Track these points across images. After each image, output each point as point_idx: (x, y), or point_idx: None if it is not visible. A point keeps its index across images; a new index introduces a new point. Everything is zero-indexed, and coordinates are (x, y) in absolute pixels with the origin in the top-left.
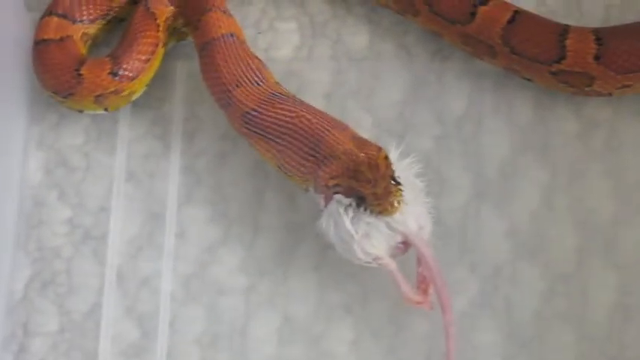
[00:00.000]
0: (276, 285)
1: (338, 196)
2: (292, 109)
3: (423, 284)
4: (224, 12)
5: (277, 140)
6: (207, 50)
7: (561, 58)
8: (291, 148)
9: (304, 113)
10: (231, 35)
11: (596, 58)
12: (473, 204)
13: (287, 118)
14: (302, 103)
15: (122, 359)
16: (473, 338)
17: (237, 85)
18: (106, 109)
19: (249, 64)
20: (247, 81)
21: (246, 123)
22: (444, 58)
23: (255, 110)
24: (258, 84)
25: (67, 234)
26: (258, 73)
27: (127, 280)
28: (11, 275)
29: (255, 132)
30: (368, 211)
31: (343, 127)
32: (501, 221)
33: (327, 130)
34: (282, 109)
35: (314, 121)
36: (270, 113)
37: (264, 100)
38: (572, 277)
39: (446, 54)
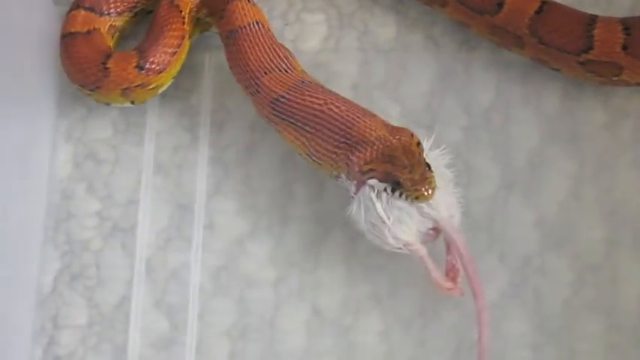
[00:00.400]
0: (305, 277)
1: (372, 181)
2: (321, 96)
3: (451, 272)
4: (249, 0)
5: (306, 127)
6: (233, 38)
7: (589, 48)
8: (322, 135)
9: (333, 101)
10: (257, 23)
11: (624, 47)
12: (501, 194)
13: (316, 105)
14: (330, 91)
15: (151, 351)
16: (502, 328)
17: (265, 73)
18: (132, 102)
19: (276, 51)
20: (275, 68)
21: (275, 110)
22: (472, 49)
23: (284, 97)
24: (286, 71)
25: (95, 227)
26: (285, 60)
27: (156, 273)
28: (40, 268)
29: (283, 119)
30: (402, 197)
31: (373, 115)
32: (530, 212)
33: (358, 117)
34: (310, 96)
35: (343, 108)
36: (298, 100)
37: (293, 87)
38: (600, 267)
39: (473, 44)
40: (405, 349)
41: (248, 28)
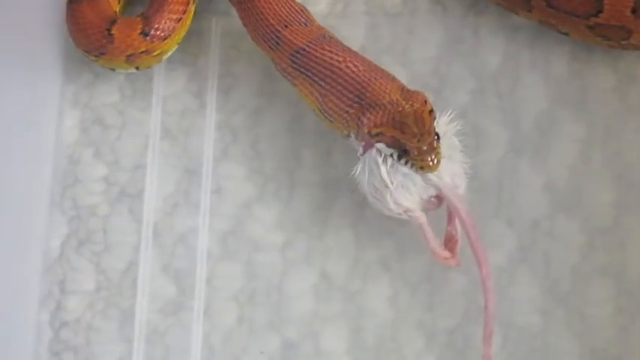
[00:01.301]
0: (313, 241)
1: (380, 145)
2: (340, 53)
3: (450, 243)
4: None
5: (322, 83)
6: None
7: (598, 12)
8: (336, 92)
9: (352, 59)
10: None
11: (633, 11)
12: (509, 158)
13: (334, 61)
14: (350, 49)
15: (159, 316)
16: (510, 293)
17: (285, 26)
18: (137, 68)
19: (292, 6)
20: (295, 21)
21: (294, 62)
22: (479, 13)
23: (304, 49)
24: (305, 24)
25: (102, 192)
26: (303, 15)
27: (164, 238)
28: (47, 234)
29: (301, 72)
30: (408, 165)
31: (391, 78)
32: (538, 175)
33: (375, 78)
34: (330, 51)
35: (361, 67)
36: (317, 54)
37: (314, 40)
38: (610, 231)
39: (480, 8)
40: (413, 313)
41: None
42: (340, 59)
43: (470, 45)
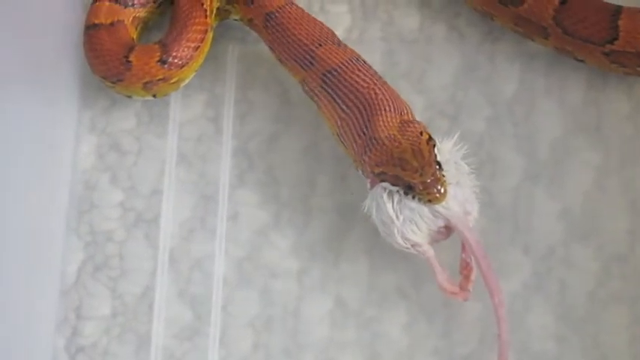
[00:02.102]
0: (328, 268)
1: (385, 184)
2: (368, 79)
3: (465, 270)
4: None
5: (343, 106)
6: (273, 20)
7: (614, 39)
8: (351, 118)
9: (375, 86)
10: (292, 3)
11: None
12: (525, 185)
13: (359, 86)
14: (378, 76)
15: (175, 342)
16: (526, 320)
17: (319, 45)
18: (154, 96)
19: (321, 26)
20: (328, 40)
21: (324, 82)
22: (495, 40)
23: (337, 70)
24: (338, 44)
25: (119, 217)
26: (333, 35)
27: (180, 263)
28: (64, 259)
29: (328, 92)
30: (415, 199)
31: (400, 110)
32: (554, 203)
33: (383, 109)
34: (359, 76)
35: (380, 96)
36: (347, 76)
37: (347, 62)
38: (626, 258)
39: (497, 35)
40: (429, 340)
41: (286, 7)
42: (365, 85)
43: (486, 72)
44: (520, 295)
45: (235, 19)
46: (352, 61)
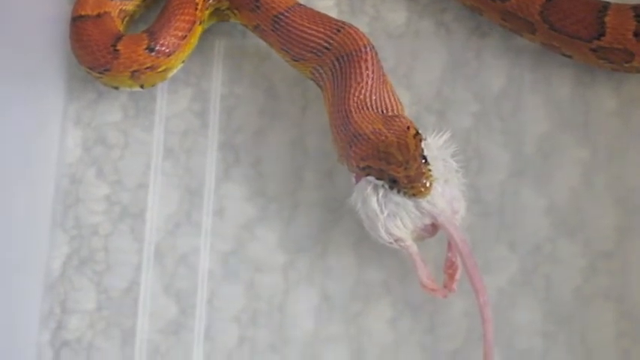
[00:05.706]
0: (315, 262)
1: (370, 177)
2: (371, 73)
3: (450, 269)
4: None
5: (336, 92)
6: (283, 20)
7: (601, 35)
8: (339, 110)
9: (374, 82)
10: (299, 5)
11: (636, 34)
12: (512, 181)
13: (358, 79)
14: (384, 74)
15: (160, 336)
16: (512, 316)
17: (337, 30)
18: (141, 86)
19: (330, 19)
20: (346, 25)
21: (334, 66)
22: (483, 35)
23: (358, 53)
24: (356, 31)
25: (104, 211)
26: (343, 22)
27: (165, 258)
28: (49, 253)
29: (334, 76)
30: (400, 193)
31: (386, 107)
32: (541, 199)
33: (363, 107)
34: (363, 66)
35: (368, 93)
36: (362, 63)
37: (364, 47)
38: (612, 254)
39: (484, 31)
40: (414, 335)
41: (295, 7)
42: (360, 79)
43: (473, 67)
44: (506, 291)
45: (236, 23)
46: (370, 49)
